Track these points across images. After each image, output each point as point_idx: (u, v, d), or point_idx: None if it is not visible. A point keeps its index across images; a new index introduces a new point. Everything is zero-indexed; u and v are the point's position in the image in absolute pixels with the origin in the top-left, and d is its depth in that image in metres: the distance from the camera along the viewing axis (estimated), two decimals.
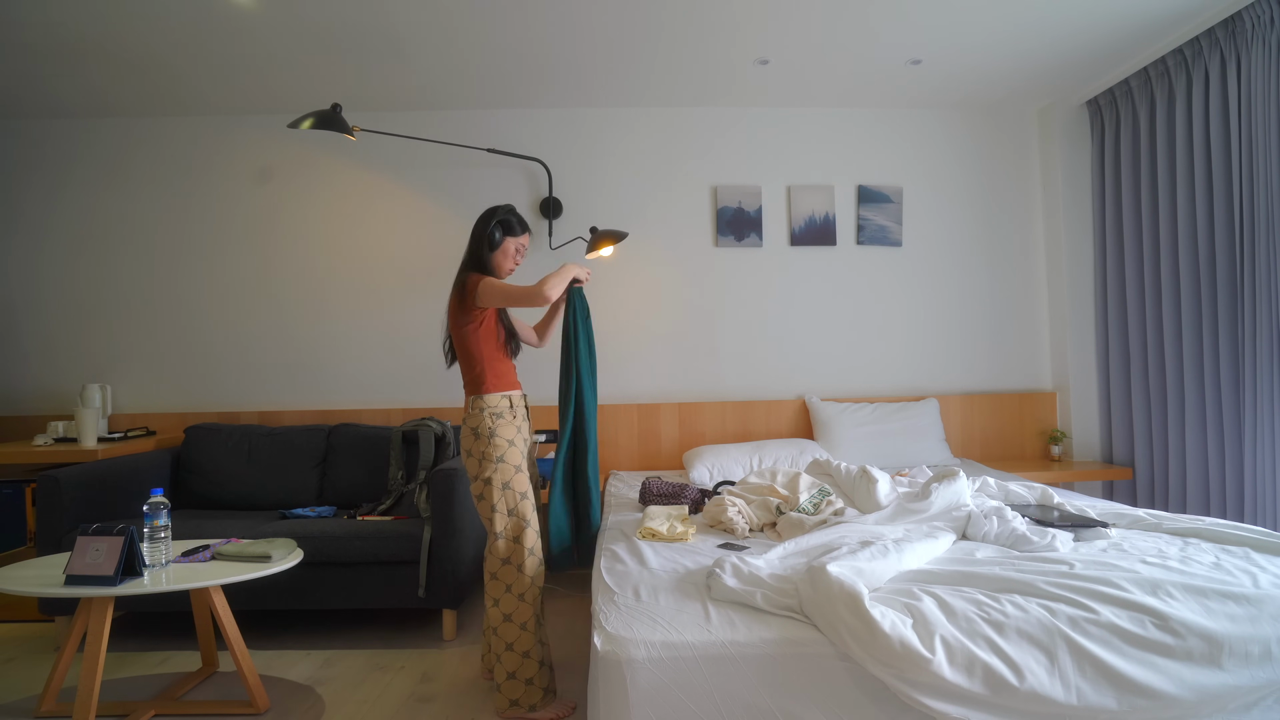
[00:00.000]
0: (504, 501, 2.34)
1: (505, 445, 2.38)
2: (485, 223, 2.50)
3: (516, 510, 2.35)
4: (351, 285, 3.99)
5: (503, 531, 2.33)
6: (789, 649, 1.59)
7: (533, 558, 2.34)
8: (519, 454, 2.42)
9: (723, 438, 3.94)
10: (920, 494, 2.40)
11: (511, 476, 2.37)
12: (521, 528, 2.34)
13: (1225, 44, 3.06)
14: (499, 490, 2.34)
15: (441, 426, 3.52)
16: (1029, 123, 4.16)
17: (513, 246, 2.54)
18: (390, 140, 3.94)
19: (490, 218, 2.50)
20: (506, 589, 2.31)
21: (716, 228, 4.03)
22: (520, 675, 2.27)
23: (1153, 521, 2.30)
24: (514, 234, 2.52)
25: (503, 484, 2.35)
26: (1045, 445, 4.06)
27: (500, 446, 2.37)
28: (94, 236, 3.97)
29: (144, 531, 2.29)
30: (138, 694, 2.49)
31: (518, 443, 2.43)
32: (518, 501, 2.36)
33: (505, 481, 2.35)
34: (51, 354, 3.96)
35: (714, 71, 3.57)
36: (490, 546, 2.33)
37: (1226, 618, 1.62)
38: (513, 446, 2.40)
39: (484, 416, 2.39)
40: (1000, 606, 1.63)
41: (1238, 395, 3.10)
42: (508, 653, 2.27)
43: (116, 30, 3.05)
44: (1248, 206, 2.98)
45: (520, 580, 2.31)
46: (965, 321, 4.11)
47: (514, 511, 2.35)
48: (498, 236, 2.49)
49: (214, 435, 3.60)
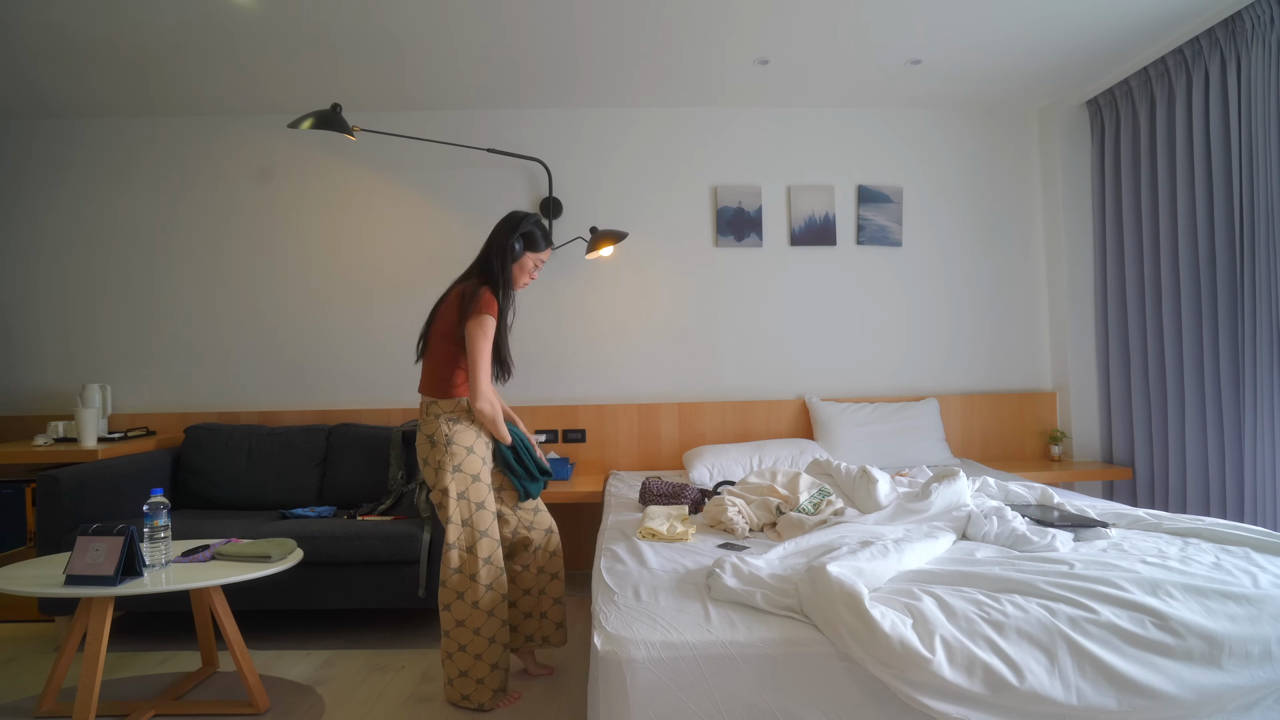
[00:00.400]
0: (458, 511, 2.31)
1: (463, 453, 2.32)
2: (507, 231, 2.39)
3: (471, 520, 2.32)
4: (351, 285, 3.99)
5: (455, 542, 2.31)
6: (789, 649, 1.59)
7: (489, 566, 2.32)
8: (478, 461, 2.35)
9: (723, 438, 3.94)
10: (920, 494, 2.39)
11: (468, 486, 2.32)
12: (475, 538, 2.31)
13: (1225, 44, 3.06)
14: (454, 500, 2.31)
15: None
16: (1029, 123, 4.16)
17: (531, 262, 2.45)
18: (390, 140, 3.94)
19: (513, 227, 2.39)
20: (458, 595, 2.30)
21: (716, 228, 4.03)
22: (471, 674, 2.30)
23: (1153, 521, 2.30)
24: (536, 249, 2.44)
25: (458, 493, 2.31)
26: (1045, 445, 4.06)
27: (457, 454, 2.31)
28: (94, 236, 3.97)
29: (144, 531, 2.29)
30: (138, 694, 2.49)
31: (478, 449, 2.36)
32: (473, 512, 2.32)
33: (461, 491, 2.32)
34: (51, 354, 3.96)
35: (714, 71, 3.57)
36: (444, 554, 2.31)
37: (1226, 618, 1.62)
38: (471, 454, 2.34)
39: (439, 423, 2.33)
40: (1000, 606, 1.62)
41: (1238, 395, 3.10)
42: (460, 653, 2.30)
43: (116, 30, 3.04)
44: (1248, 206, 2.98)
45: (474, 588, 2.29)
46: (965, 321, 4.11)
47: (468, 522, 2.32)
48: (518, 249, 2.40)
49: (214, 435, 3.60)
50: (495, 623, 2.32)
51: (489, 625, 2.30)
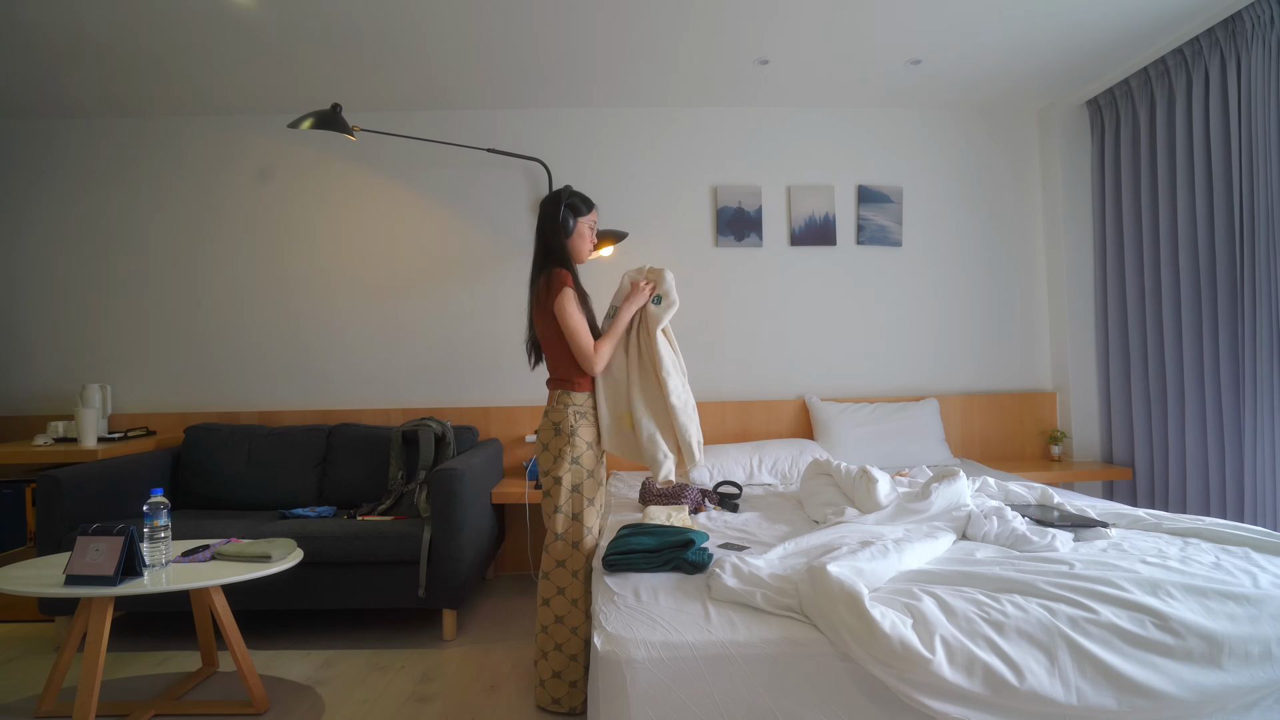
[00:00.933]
0: (570, 504, 2.32)
1: (584, 447, 2.34)
2: (554, 211, 2.38)
3: (581, 515, 2.32)
4: (351, 285, 3.99)
5: (563, 534, 2.31)
6: (789, 649, 1.59)
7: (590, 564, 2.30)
8: (594, 458, 2.38)
9: (723, 438, 3.94)
10: (920, 494, 2.40)
11: (583, 480, 2.33)
12: (581, 534, 2.31)
13: (1225, 44, 3.06)
14: (567, 492, 2.31)
15: (441, 426, 3.52)
16: (1029, 123, 4.16)
17: (586, 226, 2.44)
18: (390, 140, 3.94)
19: (556, 204, 2.39)
20: (559, 591, 2.28)
21: (716, 228, 4.03)
22: (565, 677, 2.26)
23: (1153, 521, 2.30)
24: (582, 213, 2.43)
25: (573, 485, 2.32)
26: (1045, 445, 4.05)
27: (579, 447, 2.33)
28: (94, 236, 3.97)
29: (144, 531, 2.29)
30: (138, 694, 2.49)
31: (596, 447, 2.39)
32: (584, 507, 2.32)
33: (576, 484, 2.32)
34: (51, 354, 3.96)
35: (714, 71, 3.57)
36: (548, 545, 2.32)
37: (1226, 618, 1.62)
38: (590, 449, 2.36)
39: (568, 414, 2.35)
40: (1000, 606, 1.63)
41: (1238, 395, 3.10)
42: (555, 652, 2.26)
43: (116, 30, 3.04)
44: (1248, 206, 2.98)
45: (575, 585, 2.28)
46: (965, 321, 4.11)
47: (578, 516, 2.32)
48: (571, 223, 2.39)
49: (214, 435, 3.60)
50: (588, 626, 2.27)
51: (587, 625, 2.25)
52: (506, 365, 3.87)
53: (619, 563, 2.02)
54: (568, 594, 2.28)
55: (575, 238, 2.41)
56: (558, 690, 2.26)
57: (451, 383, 3.95)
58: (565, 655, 2.25)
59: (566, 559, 2.30)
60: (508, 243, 3.98)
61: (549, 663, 2.26)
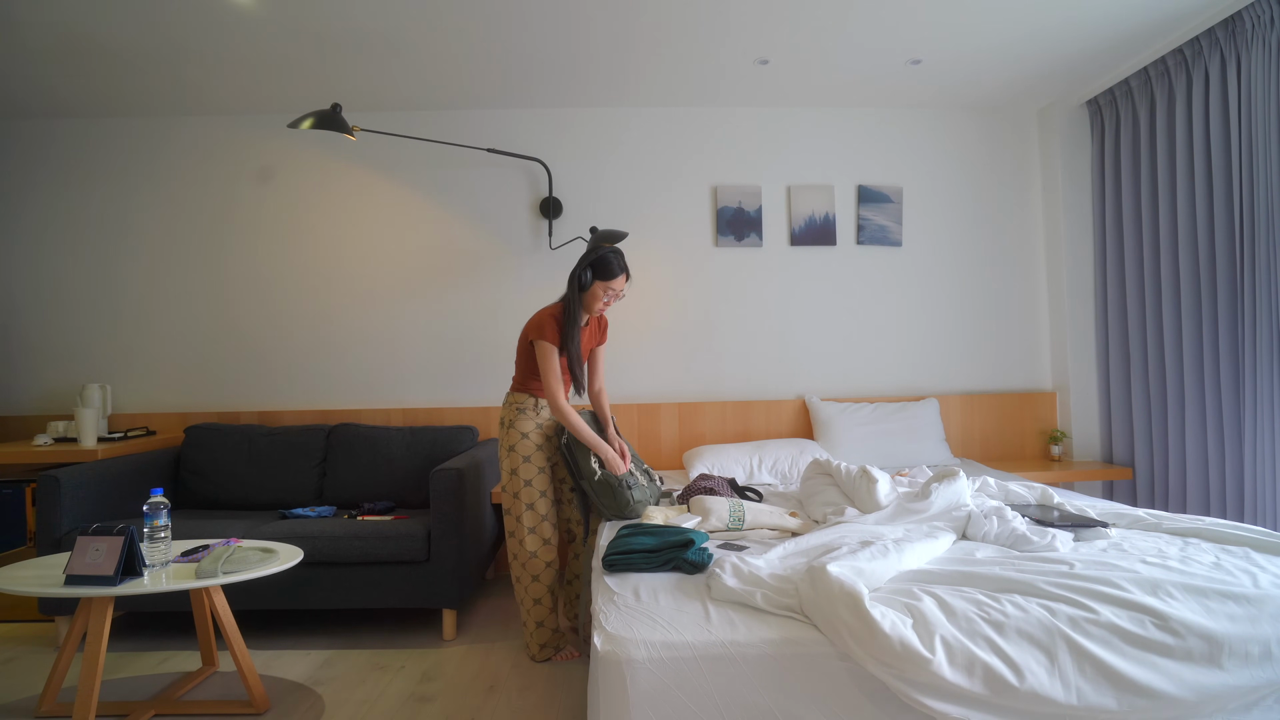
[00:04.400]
0: (510, 485, 2.71)
1: (518, 436, 2.68)
2: (587, 254, 2.61)
3: (520, 494, 2.68)
4: (351, 285, 3.99)
5: (509, 510, 2.72)
6: (789, 649, 1.59)
7: (532, 535, 2.68)
8: (531, 445, 2.69)
9: (723, 438, 3.94)
10: (920, 494, 2.39)
11: (519, 464, 2.68)
12: (521, 509, 2.68)
13: (1225, 44, 3.06)
14: (508, 475, 2.71)
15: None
16: (1029, 123, 4.16)
17: (601, 290, 2.59)
18: (390, 140, 3.94)
19: (594, 251, 2.60)
20: (513, 557, 2.72)
21: (716, 228, 4.03)
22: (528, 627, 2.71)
23: (1153, 521, 2.30)
24: (604, 277, 2.58)
25: (511, 470, 2.69)
26: (1045, 445, 4.06)
27: (513, 436, 2.69)
28: (94, 236, 3.97)
29: (144, 531, 2.29)
30: (138, 694, 2.49)
31: (532, 435, 2.70)
32: (521, 487, 2.68)
33: (513, 468, 2.68)
34: (51, 354, 3.96)
35: (714, 71, 3.57)
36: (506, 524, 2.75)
37: (1226, 618, 1.61)
38: (526, 439, 2.69)
39: (511, 409, 2.72)
40: (1000, 606, 1.62)
41: (1238, 395, 3.10)
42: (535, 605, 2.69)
43: (116, 30, 3.04)
44: (1248, 206, 2.98)
45: (521, 551, 2.69)
46: (965, 321, 4.11)
47: (517, 495, 2.68)
48: (588, 278, 2.59)
49: (214, 435, 3.60)
50: (539, 587, 2.68)
51: (534, 588, 2.68)
52: (506, 365, 3.87)
53: (619, 563, 2.02)
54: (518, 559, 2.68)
55: (588, 295, 2.64)
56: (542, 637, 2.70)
57: (451, 383, 3.95)
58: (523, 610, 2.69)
59: (514, 530, 2.70)
60: (508, 243, 3.98)
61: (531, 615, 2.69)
